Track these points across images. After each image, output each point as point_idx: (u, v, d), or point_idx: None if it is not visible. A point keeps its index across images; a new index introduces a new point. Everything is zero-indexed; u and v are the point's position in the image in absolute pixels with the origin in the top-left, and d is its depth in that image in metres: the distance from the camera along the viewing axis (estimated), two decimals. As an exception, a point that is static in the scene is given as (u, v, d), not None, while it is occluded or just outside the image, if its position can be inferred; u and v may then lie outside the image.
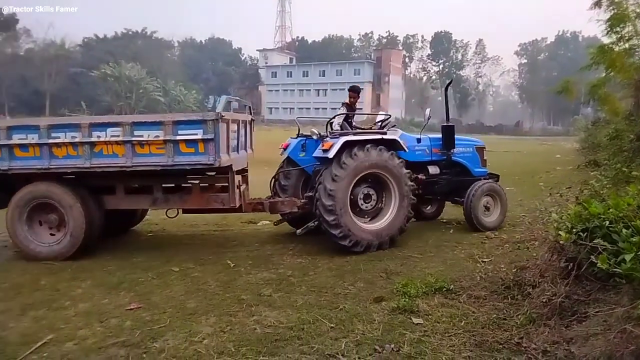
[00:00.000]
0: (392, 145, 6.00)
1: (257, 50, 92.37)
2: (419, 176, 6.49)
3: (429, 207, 7.68)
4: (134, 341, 3.42)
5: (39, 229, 5.84)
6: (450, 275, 4.75)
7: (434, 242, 6.26)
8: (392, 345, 3.29)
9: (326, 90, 78.13)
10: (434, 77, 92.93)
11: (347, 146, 5.61)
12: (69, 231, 5.65)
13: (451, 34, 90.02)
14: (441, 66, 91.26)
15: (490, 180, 7.00)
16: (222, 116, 5.26)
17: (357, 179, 5.70)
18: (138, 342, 3.40)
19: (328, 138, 5.90)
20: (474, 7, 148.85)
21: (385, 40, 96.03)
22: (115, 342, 3.41)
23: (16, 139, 5.57)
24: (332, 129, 6.70)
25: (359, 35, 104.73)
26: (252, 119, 6.84)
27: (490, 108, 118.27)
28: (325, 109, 77.65)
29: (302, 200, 6.12)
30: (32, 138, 5.55)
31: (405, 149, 6.12)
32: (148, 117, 5.68)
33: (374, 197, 5.95)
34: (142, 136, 5.38)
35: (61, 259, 5.58)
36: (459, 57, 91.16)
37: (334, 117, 6.85)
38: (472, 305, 3.99)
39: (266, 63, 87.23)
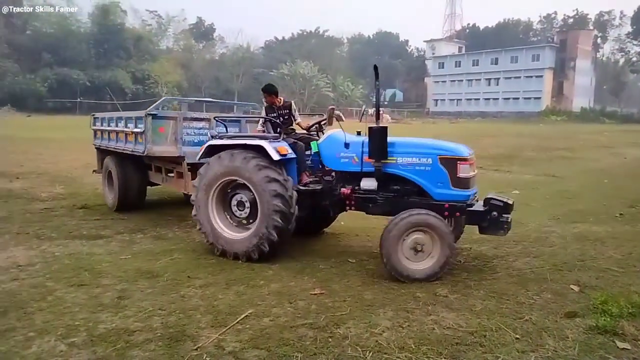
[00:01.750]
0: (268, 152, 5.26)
1: (424, 41, 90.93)
2: (343, 189, 5.38)
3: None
4: (320, 324, 3.68)
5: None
6: (665, 297, 4.04)
7: (638, 254, 5.39)
8: (592, 369, 2.95)
9: (498, 79, 72.98)
10: (634, 58, 79.28)
11: (219, 150, 5.60)
12: (115, 190, 8.00)
13: (660, 5, 75.60)
14: (644, 45, 77.42)
15: (423, 210, 4.76)
16: (152, 114, 6.65)
17: (221, 182, 5.57)
18: (324, 326, 3.65)
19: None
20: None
21: (571, 20, 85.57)
22: (304, 323, 3.71)
23: (104, 126, 8.28)
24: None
25: (540, 16, 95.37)
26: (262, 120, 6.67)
27: None
28: (497, 99, 72.58)
29: None
30: (104, 125, 8.32)
31: (274, 156, 5.19)
32: (128, 113, 7.60)
33: (247, 204, 5.46)
34: (128, 127, 7.27)
35: (113, 209, 8.07)
36: (670, 32, 75.99)
37: (217, 116, 6.99)
38: (697, 336, 3.35)
39: (433, 54, 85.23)
